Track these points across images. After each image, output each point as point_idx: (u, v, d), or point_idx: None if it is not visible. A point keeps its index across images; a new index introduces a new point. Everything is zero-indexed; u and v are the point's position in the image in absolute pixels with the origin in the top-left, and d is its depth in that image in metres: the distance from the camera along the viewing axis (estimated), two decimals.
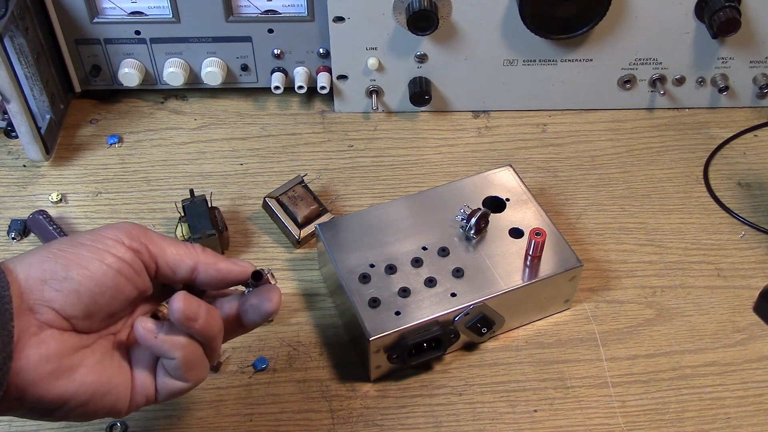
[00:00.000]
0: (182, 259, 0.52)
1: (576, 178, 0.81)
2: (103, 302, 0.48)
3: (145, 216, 0.77)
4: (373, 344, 0.61)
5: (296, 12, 0.82)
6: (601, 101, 0.87)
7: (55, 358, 0.47)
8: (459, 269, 0.66)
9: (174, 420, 0.63)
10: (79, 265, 0.47)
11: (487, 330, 0.65)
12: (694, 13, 0.80)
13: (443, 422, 0.63)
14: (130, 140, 0.85)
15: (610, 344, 0.68)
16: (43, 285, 0.46)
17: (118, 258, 0.48)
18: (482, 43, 0.81)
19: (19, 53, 0.75)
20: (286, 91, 0.86)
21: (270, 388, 0.65)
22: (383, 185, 0.80)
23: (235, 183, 0.80)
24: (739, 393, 0.65)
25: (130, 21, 0.82)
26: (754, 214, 0.78)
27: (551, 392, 0.65)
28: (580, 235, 0.76)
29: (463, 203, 0.69)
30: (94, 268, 0.48)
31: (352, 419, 0.63)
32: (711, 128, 0.86)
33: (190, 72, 0.86)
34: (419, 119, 0.87)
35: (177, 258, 0.51)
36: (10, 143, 0.83)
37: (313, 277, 0.73)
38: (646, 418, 0.63)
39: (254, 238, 0.76)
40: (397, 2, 0.78)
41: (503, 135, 0.85)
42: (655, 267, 0.73)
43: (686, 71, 0.85)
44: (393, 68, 0.84)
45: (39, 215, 0.75)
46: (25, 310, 0.46)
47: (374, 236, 0.68)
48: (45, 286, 0.46)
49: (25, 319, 0.46)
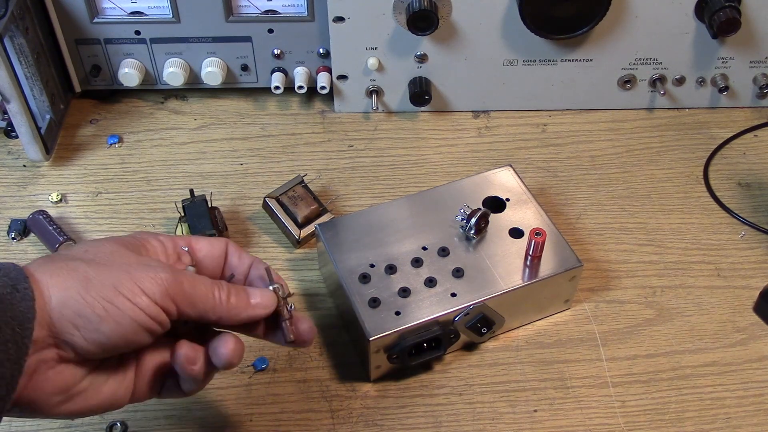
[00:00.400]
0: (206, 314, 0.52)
1: (576, 178, 0.81)
2: (121, 348, 0.49)
3: (145, 216, 0.77)
4: (373, 344, 0.61)
5: (296, 12, 0.82)
6: (601, 101, 0.87)
7: (67, 389, 0.48)
8: (459, 269, 0.66)
9: (174, 420, 0.63)
10: (112, 321, 0.47)
11: (487, 330, 0.65)
12: (694, 13, 0.80)
13: (443, 422, 0.63)
14: (130, 140, 0.85)
15: (610, 344, 0.68)
16: (74, 330, 0.47)
17: (150, 317, 0.48)
18: (482, 43, 0.81)
19: (19, 53, 0.75)
20: (286, 91, 0.86)
21: (270, 388, 0.65)
22: (383, 185, 0.80)
23: (235, 183, 0.80)
24: (739, 393, 0.65)
25: (130, 21, 0.82)
26: (754, 214, 0.78)
27: (551, 392, 0.65)
28: (580, 235, 0.76)
29: (463, 203, 0.69)
30: (125, 326, 0.48)
31: (352, 419, 0.63)
32: (711, 128, 0.86)
33: (190, 72, 0.86)
34: (419, 119, 0.87)
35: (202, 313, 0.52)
36: (10, 143, 0.83)
37: (313, 277, 0.73)
38: (646, 418, 0.63)
39: (254, 238, 0.76)
40: (397, 2, 0.78)
41: (503, 135, 0.85)
42: (655, 267, 0.73)
43: (686, 71, 0.85)
44: (393, 68, 0.84)
45: (39, 215, 0.75)
46: (50, 345, 0.47)
47: (374, 236, 0.68)
48: (76, 331, 0.47)
49: (47, 352, 0.47)
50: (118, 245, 0.51)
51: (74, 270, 0.48)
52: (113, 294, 0.47)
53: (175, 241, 0.55)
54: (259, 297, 0.54)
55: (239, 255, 0.57)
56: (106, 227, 0.76)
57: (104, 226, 0.76)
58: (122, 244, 0.51)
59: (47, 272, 0.47)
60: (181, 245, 0.55)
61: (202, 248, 0.56)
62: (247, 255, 0.58)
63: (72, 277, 0.47)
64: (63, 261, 0.49)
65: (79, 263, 0.48)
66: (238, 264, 0.57)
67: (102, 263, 0.49)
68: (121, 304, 0.47)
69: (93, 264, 0.48)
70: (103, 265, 0.49)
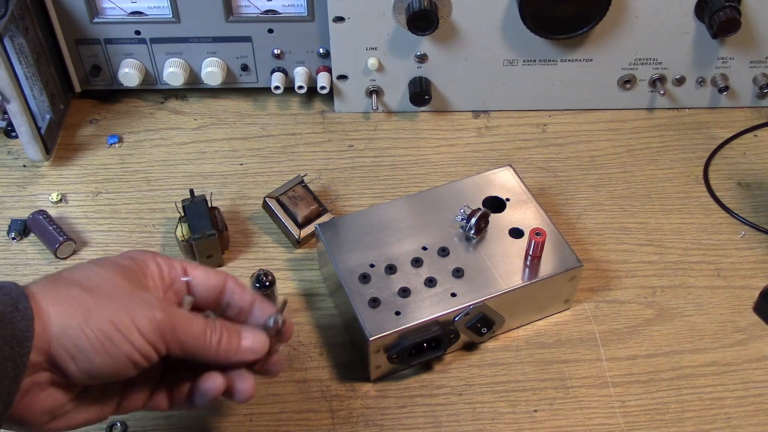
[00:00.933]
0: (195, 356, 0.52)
1: (576, 178, 0.81)
2: (108, 378, 0.50)
3: (145, 216, 0.77)
4: (373, 344, 0.61)
5: (296, 12, 0.82)
6: (601, 101, 0.87)
7: (54, 410, 0.50)
8: (459, 269, 0.66)
9: (174, 420, 0.63)
10: (106, 354, 0.48)
11: (487, 330, 0.65)
12: (694, 13, 0.80)
13: (443, 422, 0.63)
14: (130, 140, 0.85)
15: (610, 344, 0.68)
16: (70, 359, 0.48)
17: (141, 354, 0.49)
18: (482, 43, 0.81)
19: (19, 53, 0.75)
20: (286, 91, 0.86)
21: (270, 388, 0.65)
22: (383, 185, 0.80)
23: (235, 183, 0.80)
24: (739, 393, 0.65)
25: (130, 21, 0.82)
26: (754, 214, 0.78)
27: (551, 392, 0.65)
28: (580, 235, 0.76)
29: (463, 203, 0.69)
30: (117, 360, 0.49)
31: (352, 419, 0.63)
32: (711, 128, 0.86)
33: (190, 72, 0.86)
34: (419, 119, 0.87)
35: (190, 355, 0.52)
36: (10, 143, 0.83)
37: (313, 277, 0.73)
38: (646, 418, 0.63)
39: (254, 238, 0.76)
40: (397, 2, 0.78)
41: (503, 135, 0.85)
42: (655, 267, 0.73)
43: (686, 71, 0.85)
44: (393, 68, 0.84)
45: (39, 215, 0.75)
46: (45, 369, 0.48)
47: (374, 236, 0.68)
48: (71, 361, 0.48)
49: (41, 375, 0.48)
50: (119, 275, 0.51)
51: (76, 299, 0.49)
52: (111, 329, 0.48)
53: (172, 265, 0.56)
54: (251, 341, 0.54)
55: (241, 292, 0.57)
56: (106, 227, 0.76)
57: (104, 226, 0.76)
58: (122, 274, 0.52)
59: (48, 297, 0.48)
60: (180, 274, 0.56)
61: (197, 277, 0.56)
62: (249, 292, 0.57)
63: (73, 306, 0.48)
64: (65, 287, 0.49)
65: (81, 292, 0.49)
66: (240, 301, 0.57)
67: (103, 294, 0.50)
68: (116, 339, 0.48)
69: (94, 294, 0.49)
70: (104, 297, 0.49)
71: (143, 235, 0.76)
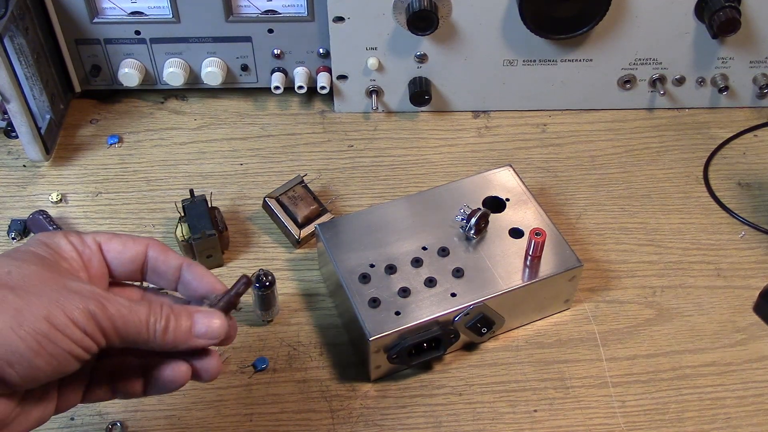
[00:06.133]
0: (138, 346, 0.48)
1: (576, 178, 0.81)
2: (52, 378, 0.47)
3: (145, 216, 0.77)
4: (373, 344, 0.61)
5: (296, 12, 0.82)
6: (601, 101, 0.87)
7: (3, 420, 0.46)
8: (459, 269, 0.66)
9: (174, 420, 0.63)
10: (47, 354, 0.44)
11: (487, 330, 0.65)
12: (694, 13, 0.80)
13: (443, 422, 0.63)
14: (130, 140, 0.85)
15: (610, 344, 0.68)
16: (8, 366, 0.44)
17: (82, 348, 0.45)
18: (482, 43, 0.81)
19: (19, 53, 0.75)
20: (286, 91, 0.86)
21: (270, 388, 0.65)
22: (383, 185, 0.80)
23: (235, 183, 0.80)
24: (739, 393, 0.65)
25: (130, 21, 0.82)
26: (754, 214, 0.78)
27: (551, 392, 0.65)
28: (580, 235, 0.76)
29: (463, 203, 0.69)
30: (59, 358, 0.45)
31: (352, 419, 0.63)
32: (711, 128, 0.86)
33: (190, 72, 0.86)
34: (419, 119, 0.87)
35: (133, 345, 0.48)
36: (10, 143, 0.83)
37: (313, 277, 0.73)
38: (646, 418, 0.63)
39: (254, 238, 0.76)
40: (397, 2, 0.78)
41: (503, 135, 0.85)
42: (655, 267, 0.73)
43: (686, 71, 0.85)
44: (393, 68, 0.84)
45: (39, 215, 0.75)
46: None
47: (374, 236, 0.68)
48: (10, 368, 0.44)
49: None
50: (39, 266, 0.47)
51: (2, 301, 0.44)
52: (47, 327, 0.44)
53: (84, 241, 0.51)
54: (205, 326, 0.48)
55: (165, 258, 0.51)
56: (106, 227, 0.76)
57: (104, 226, 0.76)
58: (42, 264, 0.47)
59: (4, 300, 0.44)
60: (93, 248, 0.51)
61: (112, 249, 0.51)
62: (175, 256, 0.52)
63: (2, 309, 0.44)
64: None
65: (7, 293, 0.45)
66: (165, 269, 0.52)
67: (29, 291, 0.45)
68: (54, 337, 0.44)
69: (19, 292, 0.45)
70: (32, 294, 0.45)
71: (143, 235, 0.76)
